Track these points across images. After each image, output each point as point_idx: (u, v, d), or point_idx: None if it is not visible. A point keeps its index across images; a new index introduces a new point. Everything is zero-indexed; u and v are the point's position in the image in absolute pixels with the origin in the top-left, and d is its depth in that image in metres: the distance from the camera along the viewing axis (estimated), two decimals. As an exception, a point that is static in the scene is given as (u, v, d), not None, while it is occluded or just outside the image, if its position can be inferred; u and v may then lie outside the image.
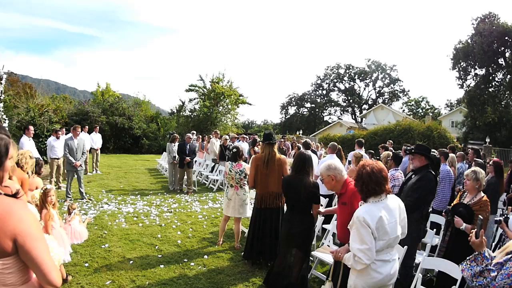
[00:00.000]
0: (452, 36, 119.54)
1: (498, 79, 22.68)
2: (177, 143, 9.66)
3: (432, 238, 4.36)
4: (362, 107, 56.53)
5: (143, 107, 19.52)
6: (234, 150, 5.07)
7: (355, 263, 2.26)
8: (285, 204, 4.70)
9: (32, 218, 1.32)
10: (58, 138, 8.92)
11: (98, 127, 11.56)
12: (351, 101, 57.12)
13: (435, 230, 4.59)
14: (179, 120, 22.48)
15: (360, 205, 2.41)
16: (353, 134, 23.11)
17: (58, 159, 8.77)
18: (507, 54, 21.50)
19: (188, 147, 9.37)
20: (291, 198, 3.52)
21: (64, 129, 9.84)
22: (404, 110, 52.34)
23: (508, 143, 19.43)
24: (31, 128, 7.87)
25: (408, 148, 5.25)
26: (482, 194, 3.61)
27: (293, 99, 57.98)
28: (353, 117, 55.76)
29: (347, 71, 56.50)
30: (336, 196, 4.91)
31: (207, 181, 10.83)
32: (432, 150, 4.82)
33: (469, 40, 22.36)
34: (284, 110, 58.69)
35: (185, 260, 4.54)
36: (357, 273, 2.34)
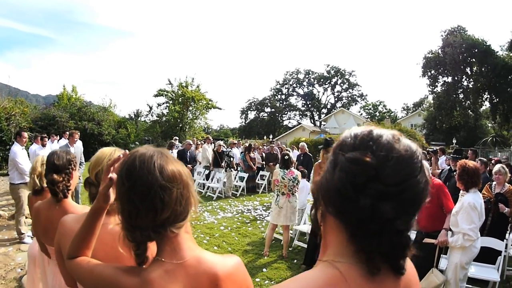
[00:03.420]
0: (410, 44, 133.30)
1: (464, 86, 26.47)
2: (175, 150, 9.73)
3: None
4: (321, 111, 59.78)
5: (110, 112, 18.86)
6: (286, 157, 5.29)
7: (465, 241, 2.96)
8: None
9: None
10: (44, 145, 8.44)
11: (79, 133, 11.00)
12: (310, 105, 60.02)
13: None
14: (139, 126, 22.09)
15: (462, 195, 3.12)
16: (325, 138, 24.61)
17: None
18: (472, 63, 25.31)
19: (188, 154, 9.53)
20: None
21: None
22: (362, 114, 56.53)
23: (466, 143, 22.72)
24: (25, 134, 6.50)
25: (435, 148, 6.26)
26: (508, 184, 4.65)
27: (253, 104, 59.23)
28: (312, 121, 58.66)
29: (307, 76, 59.43)
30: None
31: (202, 189, 10.97)
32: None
33: (439, 51, 25.86)
34: (244, 115, 59.67)
35: (247, 277, 4.69)
36: (462, 250, 3.04)
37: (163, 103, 22.07)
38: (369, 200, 0.62)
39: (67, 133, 10.52)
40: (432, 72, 26.64)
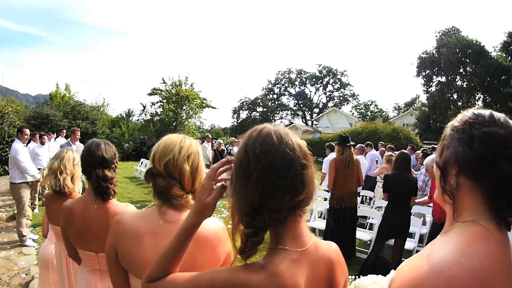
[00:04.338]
0: (401, 44, 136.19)
1: (458, 85, 27.24)
2: (176, 149, 9.67)
3: (419, 228, 4.90)
4: (313, 111, 60.21)
5: (103, 111, 18.71)
6: None
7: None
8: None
9: None
10: (43, 144, 8.23)
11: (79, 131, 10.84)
12: (301, 105, 60.37)
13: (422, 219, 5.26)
14: (130, 125, 21.96)
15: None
16: (320, 137, 24.79)
17: (44, 170, 8.12)
18: (466, 63, 26.11)
19: (190, 152, 9.47)
20: (397, 193, 4.14)
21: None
22: (353, 114, 57.15)
23: (458, 141, 23.35)
24: (26, 131, 6.14)
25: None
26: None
27: (245, 103, 59.25)
28: (304, 121, 59.02)
29: (299, 75, 59.77)
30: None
31: (201, 188, 10.91)
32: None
33: (434, 51, 26.53)
34: (236, 114, 59.65)
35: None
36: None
37: (157, 102, 22.02)
38: (506, 164, 0.76)
39: (63, 131, 10.36)
40: (427, 72, 27.41)
